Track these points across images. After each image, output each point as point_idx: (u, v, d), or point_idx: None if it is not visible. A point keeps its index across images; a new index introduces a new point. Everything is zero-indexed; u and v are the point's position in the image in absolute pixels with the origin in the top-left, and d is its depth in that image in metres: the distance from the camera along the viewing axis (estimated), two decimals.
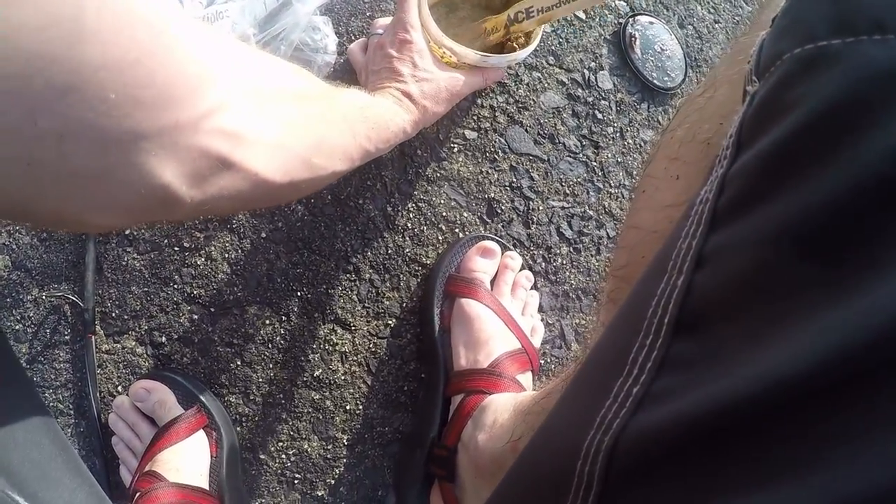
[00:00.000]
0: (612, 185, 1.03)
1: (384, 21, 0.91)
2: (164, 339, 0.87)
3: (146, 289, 0.88)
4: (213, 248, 0.89)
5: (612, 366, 0.31)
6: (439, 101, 0.84)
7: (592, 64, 1.04)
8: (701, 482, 0.25)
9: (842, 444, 0.22)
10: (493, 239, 0.95)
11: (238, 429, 0.88)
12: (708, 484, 0.25)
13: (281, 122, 0.53)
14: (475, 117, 0.99)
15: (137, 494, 0.78)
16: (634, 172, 1.05)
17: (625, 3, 1.10)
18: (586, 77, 1.04)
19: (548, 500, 0.32)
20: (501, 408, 0.81)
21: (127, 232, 0.87)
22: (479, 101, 0.99)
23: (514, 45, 0.88)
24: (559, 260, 1.00)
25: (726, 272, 0.28)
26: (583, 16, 1.06)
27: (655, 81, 1.05)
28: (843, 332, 0.23)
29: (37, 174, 0.37)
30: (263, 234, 0.90)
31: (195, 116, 0.42)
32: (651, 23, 1.07)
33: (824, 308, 0.24)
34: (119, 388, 0.87)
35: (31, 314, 0.85)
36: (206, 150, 0.44)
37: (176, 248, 0.88)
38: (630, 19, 1.07)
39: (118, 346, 0.87)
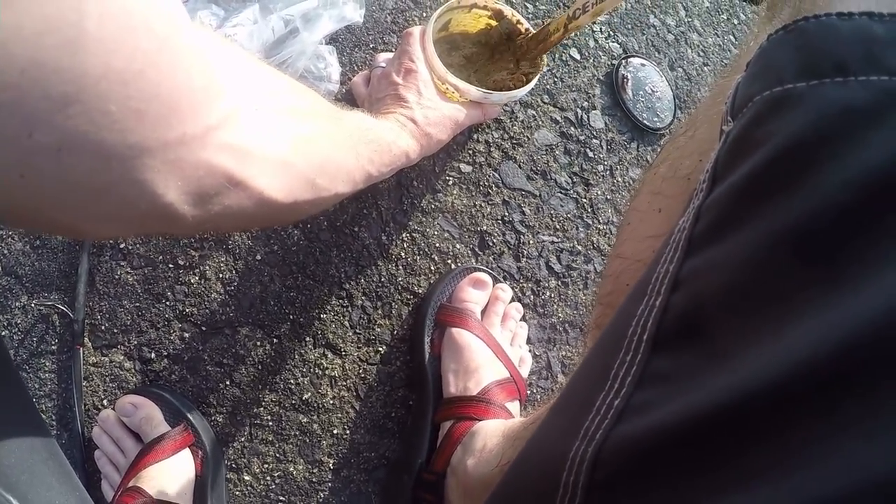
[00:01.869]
0: (601, 221, 1.06)
1: (387, 55, 0.93)
2: (153, 355, 0.87)
3: (138, 304, 0.87)
4: (207, 267, 0.89)
5: (595, 381, 0.33)
6: (442, 129, 0.85)
7: (585, 103, 1.07)
8: (679, 489, 0.26)
9: (811, 447, 0.23)
10: (484, 271, 0.96)
11: (224, 449, 0.87)
12: (686, 490, 0.26)
13: (288, 140, 0.51)
14: (471, 151, 1.01)
15: None
16: (623, 210, 1.07)
17: (618, 45, 1.14)
18: (579, 116, 1.07)
19: None
20: (490, 433, 0.82)
21: (122, 246, 0.87)
22: (475, 136, 1.01)
23: (512, 83, 0.91)
24: (548, 293, 1.02)
25: (699, 294, 0.30)
26: (577, 56, 1.09)
27: (645, 122, 1.09)
28: (805, 345, 0.24)
29: (32, 185, 0.35)
30: (259, 257, 0.91)
31: (201, 130, 0.40)
32: (643, 64, 1.11)
33: (788, 323, 0.26)
34: (104, 402, 0.85)
35: (19, 321, 0.84)
36: (212, 167, 0.42)
37: (170, 265, 0.88)
38: (623, 61, 1.11)
39: (106, 359, 0.86)
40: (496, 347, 0.91)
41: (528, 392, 0.99)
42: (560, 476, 0.31)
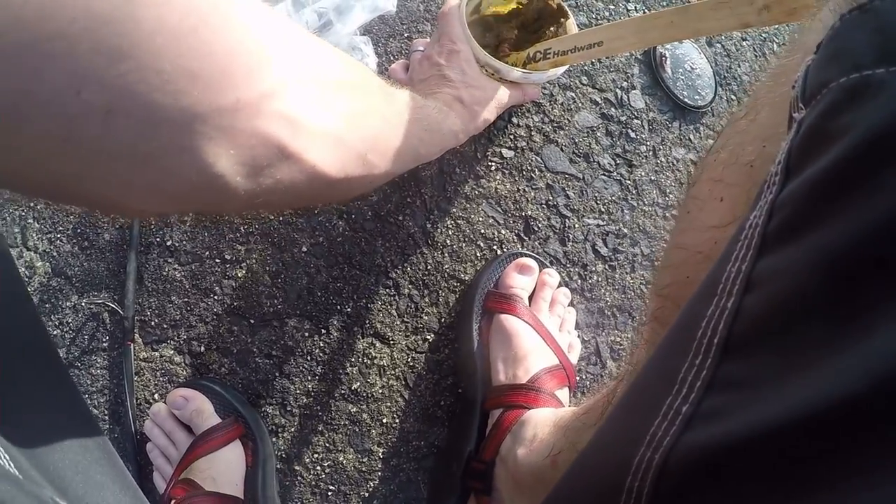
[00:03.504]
0: (646, 202, 1.04)
1: (424, 41, 0.93)
2: (202, 348, 0.87)
3: (186, 299, 0.88)
4: (253, 260, 0.90)
5: (661, 385, 0.32)
6: (488, 108, 0.84)
7: (625, 83, 1.06)
8: (750, 502, 0.25)
9: (885, 469, 0.22)
10: (531, 256, 0.95)
11: (274, 440, 0.87)
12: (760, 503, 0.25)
13: (340, 113, 0.49)
14: (511, 136, 1.00)
15: (173, 502, 0.77)
16: (667, 190, 1.06)
17: None
18: (619, 96, 1.05)
19: None
20: (541, 423, 0.80)
21: (168, 243, 0.88)
22: (515, 120, 1.01)
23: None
24: (595, 277, 1.00)
25: (774, 296, 0.29)
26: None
27: (686, 100, 1.07)
28: (883, 359, 0.23)
29: (76, 152, 0.33)
30: (304, 248, 0.91)
31: (255, 97, 0.38)
32: (681, 42, 1.10)
33: (867, 336, 0.24)
34: (155, 396, 0.86)
35: (70, 320, 0.86)
36: (266, 137, 0.40)
37: (217, 260, 0.89)
38: None
39: (156, 354, 0.87)
40: (545, 333, 0.89)
41: (578, 378, 0.97)
42: (624, 481, 0.30)
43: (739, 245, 0.32)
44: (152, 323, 0.87)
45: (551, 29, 0.92)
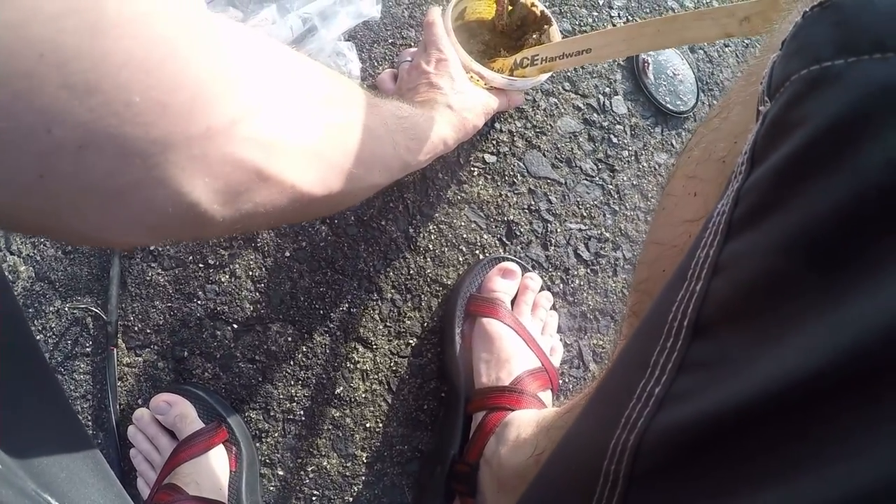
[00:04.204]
0: (628, 207, 1.05)
1: (412, 50, 0.93)
2: (185, 353, 0.88)
3: (169, 304, 0.88)
4: (237, 265, 0.90)
5: (635, 369, 0.33)
6: (477, 114, 0.85)
7: (607, 89, 1.07)
8: (721, 479, 0.26)
9: (858, 437, 0.22)
10: (513, 260, 0.96)
11: (258, 444, 0.88)
12: (728, 481, 0.26)
13: (318, 129, 0.48)
14: (494, 142, 1.01)
15: None
16: (650, 195, 1.06)
17: None
18: (601, 102, 1.06)
19: (575, 498, 0.33)
20: (524, 423, 0.81)
21: (151, 248, 0.88)
22: (497, 126, 1.01)
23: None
24: (577, 281, 1.01)
25: (740, 278, 0.30)
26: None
27: (668, 105, 1.08)
28: (853, 330, 0.24)
29: (51, 188, 0.32)
30: (287, 253, 0.91)
31: (226, 123, 0.37)
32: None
33: (830, 311, 0.25)
34: (139, 402, 0.86)
35: (53, 325, 0.86)
36: (241, 162, 0.39)
37: (200, 265, 0.89)
38: None
39: (139, 359, 0.87)
40: (527, 337, 0.90)
41: (561, 381, 0.98)
42: (601, 464, 0.31)
43: (708, 233, 0.33)
44: (135, 328, 0.87)
45: (535, 35, 0.93)
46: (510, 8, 0.93)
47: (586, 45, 0.80)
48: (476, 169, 0.99)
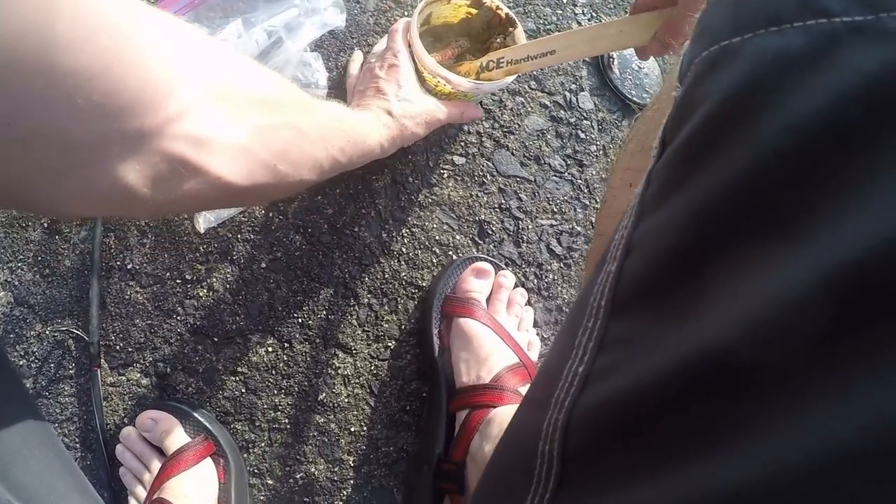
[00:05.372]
0: (598, 201, 1.06)
1: (380, 49, 0.95)
2: (168, 369, 0.89)
3: (150, 321, 0.89)
4: (214, 279, 0.91)
5: (563, 351, 0.34)
6: (418, 122, 0.86)
7: (573, 86, 1.08)
8: (644, 453, 0.27)
9: (771, 412, 0.23)
10: (486, 259, 0.97)
11: (245, 455, 0.89)
12: (654, 452, 0.27)
13: (248, 127, 0.54)
14: (463, 143, 1.02)
15: None
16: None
17: None
18: (568, 99, 1.07)
19: (518, 481, 0.34)
20: (507, 419, 0.83)
21: (129, 266, 0.89)
22: (465, 127, 1.02)
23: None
24: (550, 276, 1.03)
25: (647, 256, 0.31)
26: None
27: (635, 99, 1.09)
28: (754, 305, 0.25)
29: (6, 168, 0.40)
30: (263, 265, 0.92)
31: (160, 122, 0.44)
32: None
33: (741, 282, 0.26)
34: (125, 420, 0.88)
35: (35, 349, 0.87)
36: (170, 155, 0.46)
37: (178, 281, 0.90)
38: None
39: (123, 378, 0.88)
40: (504, 334, 0.92)
41: None
42: (537, 445, 0.32)
43: (626, 216, 0.34)
44: (117, 347, 0.88)
45: (500, 38, 0.93)
46: (474, 11, 0.93)
47: (550, 46, 0.81)
48: (446, 171, 1.01)
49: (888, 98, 0.24)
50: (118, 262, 0.90)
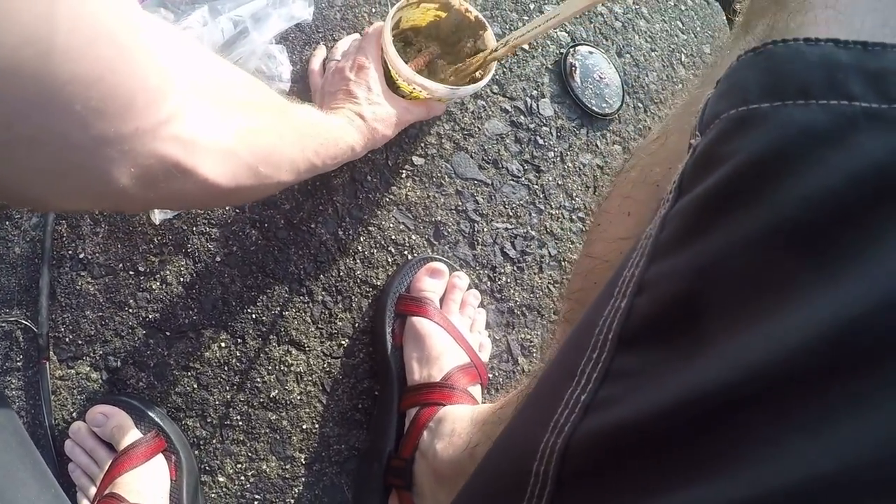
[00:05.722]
0: (553, 206, 1.08)
1: (344, 48, 0.94)
2: (119, 363, 0.88)
3: (101, 313, 0.88)
4: (168, 272, 0.90)
5: (564, 377, 0.36)
6: (388, 125, 0.88)
7: (534, 92, 1.09)
8: (641, 481, 0.29)
9: (764, 445, 0.26)
10: (440, 260, 0.98)
11: (196, 452, 0.89)
12: (647, 482, 0.29)
13: (234, 130, 0.56)
14: (423, 144, 1.02)
15: None
16: (574, 194, 1.10)
17: (566, 34, 1.16)
18: (528, 105, 1.08)
19: (509, 495, 0.36)
20: (459, 418, 0.85)
21: (81, 255, 0.87)
22: (426, 128, 1.03)
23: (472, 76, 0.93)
24: (504, 279, 1.05)
25: (660, 297, 0.33)
26: (526, 46, 1.10)
27: (594, 108, 1.11)
28: (759, 350, 0.27)
29: (8, 166, 0.42)
30: (218, 259, 0.91)
31: (152, 124, 0.45)
32: (591, 52, 1.13)
33: (743, 331, 0.28)
34: (74, 415, 0.86)
35: None
36: (162, 156, 0.47)
37: (131, 273, 0.89)
38: (571, 49, 1.12)
39: (72, 371, 0.87)
40: (456, 334, 0.93)
41: (491, 375, 1.02)
42: (531, 465, 0.34)
43: (636, 253, 0.36)
44: (67, 339, 0.87)
45: (470, 41, 0.93)
46: (443, 14, 0.93)
47: (552, 13, 0.81)
48: (405, 171, 1.01)
49: (891, 185, 0.27)
50: (70, 251, 0.87)
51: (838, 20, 0.34)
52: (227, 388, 0.91)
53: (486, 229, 1.04)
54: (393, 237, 0.99)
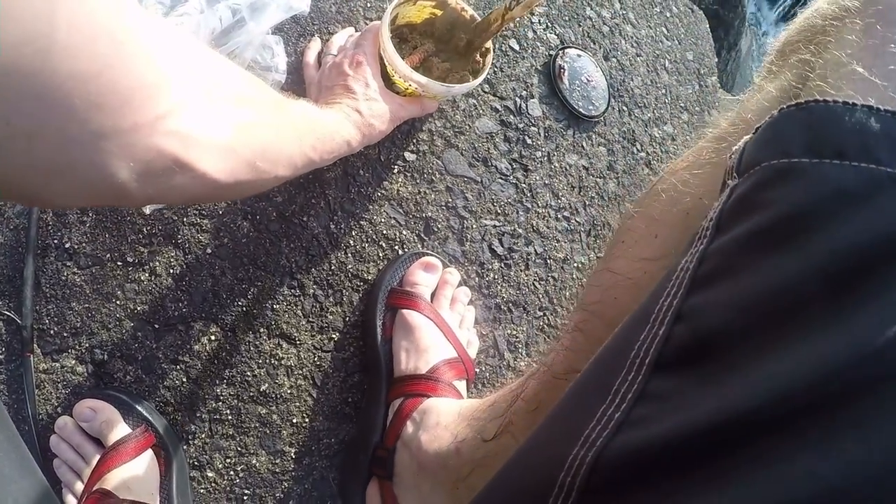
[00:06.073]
0: (540, 205, 1.10)
1: (340, 43, 0.93)
2: (105, 356, 0.85)
3: (87, 305, 0.85)
4: (157, 263, 0.88)
5: (596, 395, 0.38)
6: (384, 121, 0.88)
7: (524, 92, 1.10)
8: (665, 495, 0.31)
9: (780, 462, 0.29)
10: (434, 256, 0.99)
11: (185, 447, 0.87)
12: (672, 497, 0.31)
13: (232, 126, 0.56)
14: (414, 140, 1.02)
15: None
16: (560, 193, 1.12)
17: (555, 37, 1.18)
18: (518, 105, 1.10)
19: (529, 502, 0.38)
20: (445, 412, 0.85)
21: (67, 245, 0.85)
22: (418, 125, 1.03)
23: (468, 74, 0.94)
24: (491, 275, 1.05)
25: (698, 328, 0.35)
26: (516, 47, 1.12)
27: (581, 110, 1.13)
28: (783, 379, 0.30)
29: (6, 161, 0.41)
30: (209, 250, 0.90)
31: (151, 119, 0.46)
32: (579, 55, 1.15)
33: (769, 361, 0.31)
34: (59, 410, 0.84)
35: None
36: (161, 151, 0.47)
37: (119, 263, 0.87)
38: (560, 52, 1.14)
39: (57, 364, 0.84)
40: (445, 328, 0.94)
41: (477, 370, 1.03)
42: (557, 476, 0.35)
43: (671, 283, 0.39)
44: (52, 331, 0.84)
45: (464, 38, 0.94)
46: (439, 12, 0.94)
47: None
48: (396, 167, 1.01)
49: None
50: (55, 241, 0.85)
51: (872, 83, 0.38)
52: (217, 381, 0.89)
53: (474, 226, 1.05)
54: (384, 232, 0.99)
